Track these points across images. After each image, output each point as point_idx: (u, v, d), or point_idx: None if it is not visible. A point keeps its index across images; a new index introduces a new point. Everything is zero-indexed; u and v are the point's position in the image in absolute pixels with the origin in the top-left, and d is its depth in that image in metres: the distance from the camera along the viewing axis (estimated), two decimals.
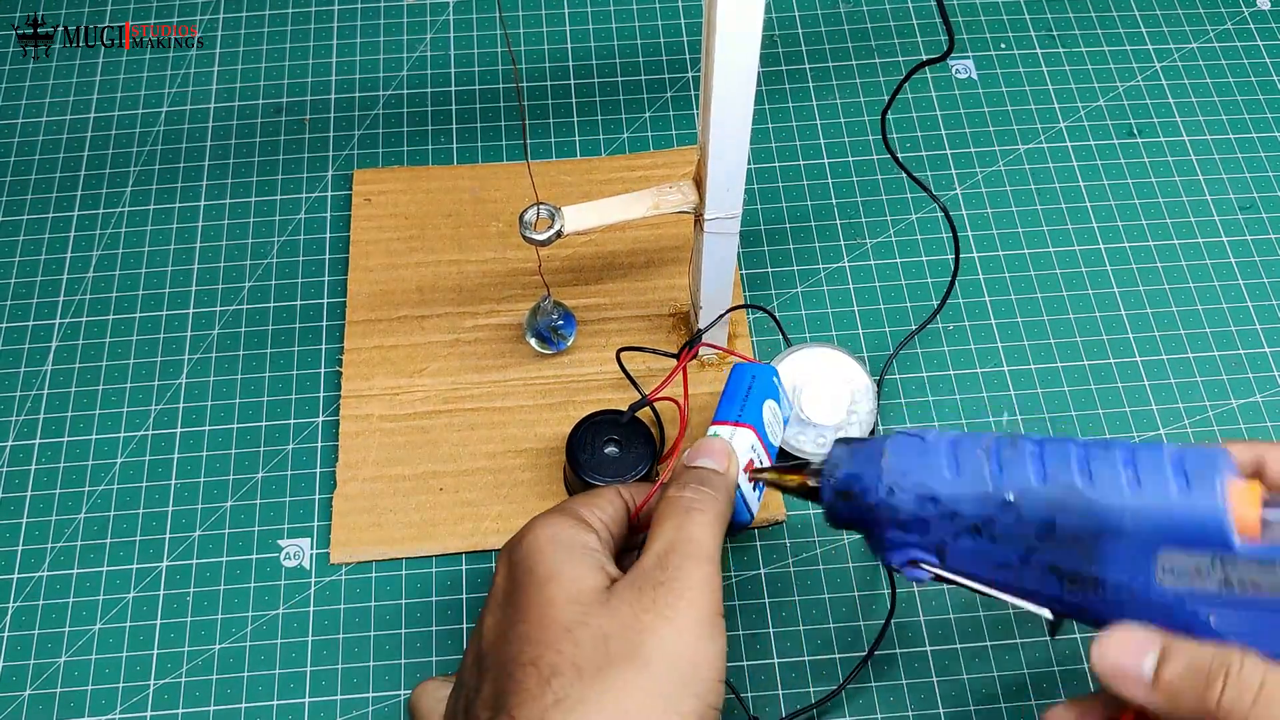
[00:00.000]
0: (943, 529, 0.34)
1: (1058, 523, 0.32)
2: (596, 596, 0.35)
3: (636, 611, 0.34)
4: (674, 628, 0.34)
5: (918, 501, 0.34)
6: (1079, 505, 0.32)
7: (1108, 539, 0.32)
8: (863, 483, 0.36)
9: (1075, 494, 0.32)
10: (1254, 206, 0.60)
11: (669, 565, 0.36)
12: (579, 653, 0.34)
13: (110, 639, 0.49)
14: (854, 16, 0.66)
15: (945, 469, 0.34)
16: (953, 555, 0.34)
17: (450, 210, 0.59)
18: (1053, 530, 0.32)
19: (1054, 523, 0.32)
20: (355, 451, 0.52)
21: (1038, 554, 0.33)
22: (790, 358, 0.52)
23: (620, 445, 0.49)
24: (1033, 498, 0.33)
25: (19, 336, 0.56)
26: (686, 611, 0.34)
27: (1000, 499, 0.33)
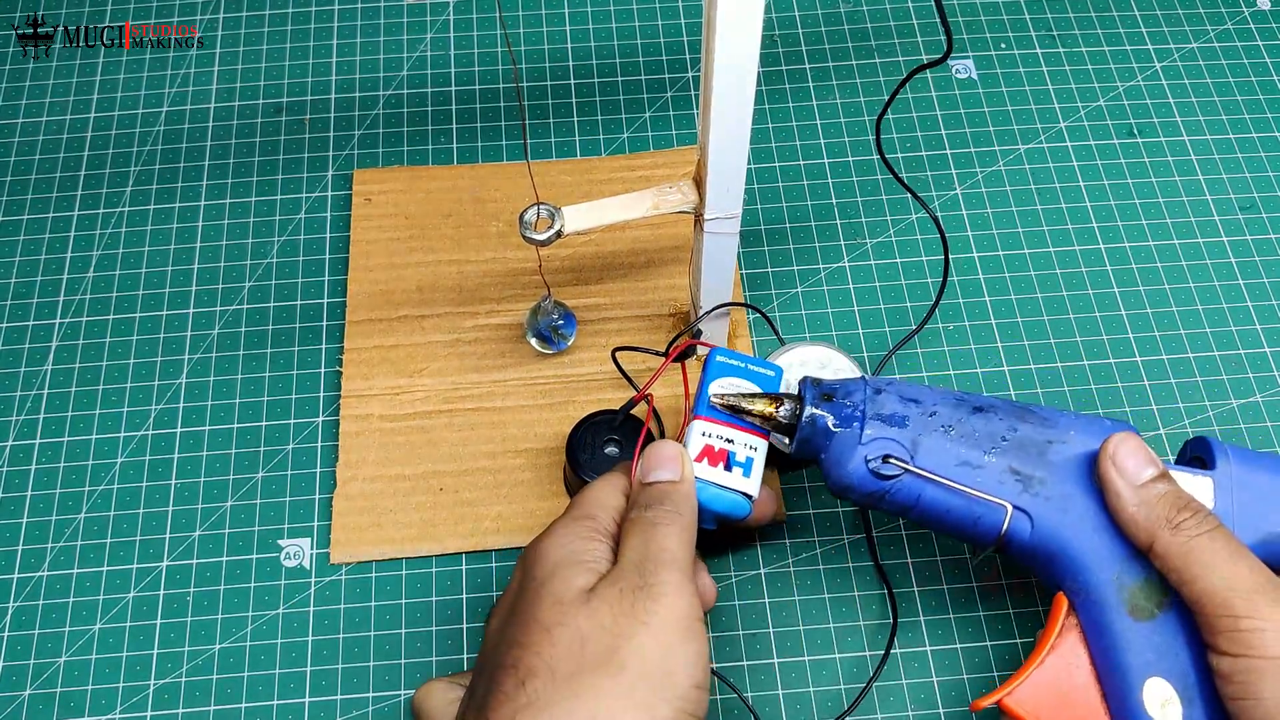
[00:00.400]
0: (919, 425, 0.40)
1: (1019, 430, 0.40)
2: (578, 598, 0.35)
3: (615, 615, 0.34)
4: (650, 633, 0.34)
5: (901, 401, 0.41)
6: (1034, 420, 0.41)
7: (1057, 444, 0.40)
8: (848, 387, 0.42)
9: (1031, 413, 0.41)
10: (1254, 206, 0.60)
11: (645, 571, 0.36)
12: (555, 655, 0.34)
13: (110, 639, 0.49)
14: (854, 17, 0.66)
15: (924, 387, 0.42)
16: (923, 452, 0.40)
17: (450, 210, 0.59)
18: (1015, 434, 0.40)
19: (1016, 429, 0.40)
20: (355, 451, 0.52)
21: (1000, 455, 0.40)
22: (783, 356, 0.52)
23: (620, 445, 0.49)
24: (999, 410, 0.41)
25: (19, 336, 0.56)
26: (664, 616, 0.35)
27: (972, 406, 0.41)
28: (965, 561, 0.50)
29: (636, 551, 0.37)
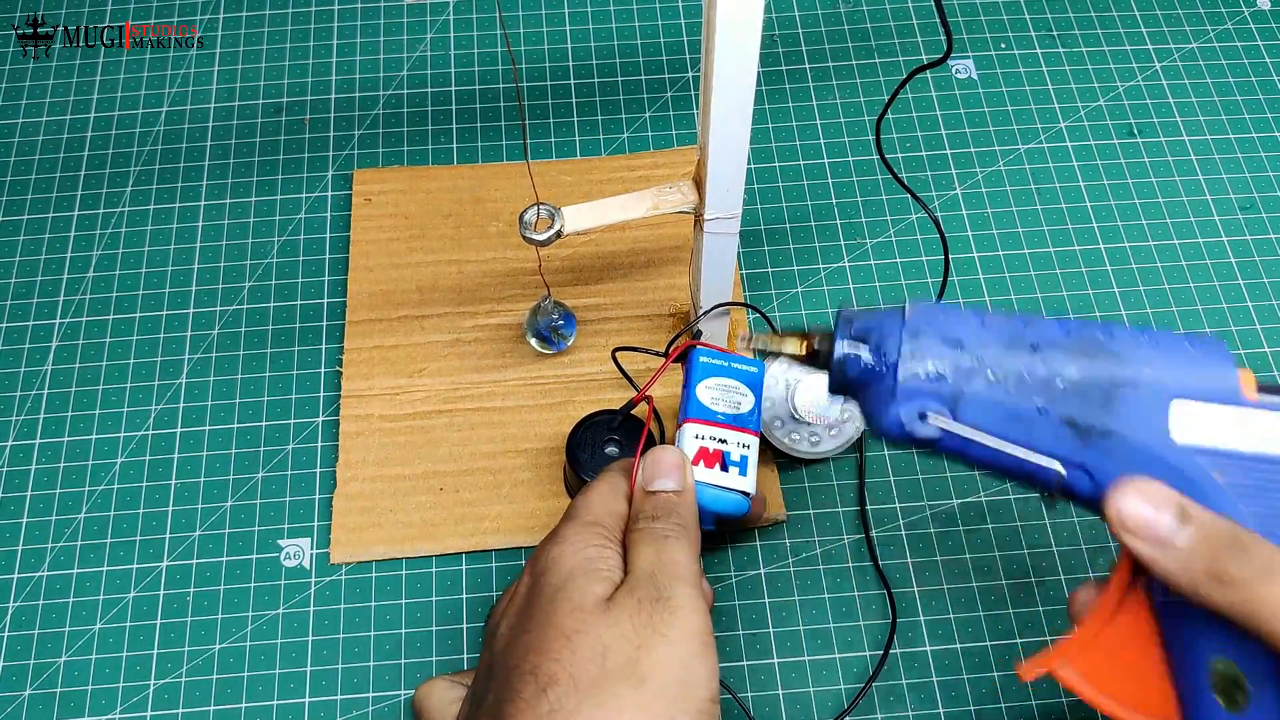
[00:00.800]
0: (963, 375, 0.34)
1: (1081, 370, 0.33)
2: (598, 605, 0.35)
3: (635, 626, 0.35)
4: (670, 645, 0.34)
5: (943, 345, 0.35)
6: (1103, 354, 0.33)
7: (1127, 389, 0.33)
8: (883, 330, 0.36)
9: (1098, 345, 0.33)
10: (1254, 206, 0.60)
11: (659, 584, 0.36)
12: (576, 662, 0.34)
13: (110, 639, 0.49)
14: (854, 17, 0.66)
15: (971, 320, 0.35)
16: (966, 406, 0.34)
17: (450, 210, 0.59)
18: (1074, 380, 0.33)
19: (1078, 370, 0.33)
20: (355, 451, 0.52)
21: (1056, 405, 0.33)
22: (783, 356, 0.52)
23: (620, 445, 0.49)
24: (1058, 347, 0.34)
25: (19, 336, 0.56)
26: (682, 629, 0.35)
27: (1026, 344, 0.34)
28: (965, 561, 0.50)
29: (648, 563, 0.37)
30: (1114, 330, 0.34)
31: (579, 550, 0.37)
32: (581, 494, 0.41)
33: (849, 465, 0.52)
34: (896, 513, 0.51)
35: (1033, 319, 0.35)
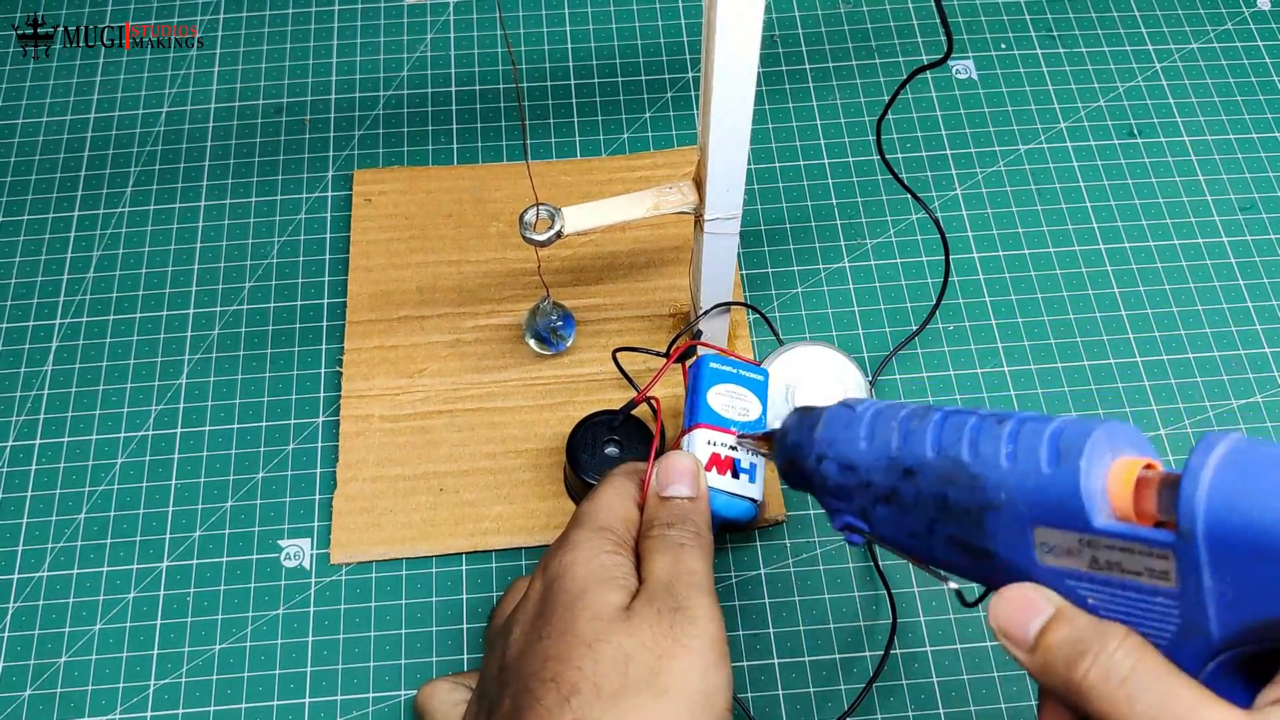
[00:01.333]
0: (862, 496, 0.35)
1: (949, 496, 0.32)
2: (618, 614, 0.35)
3: (656, 635, 0.34)
4: (691, 655, 0.34)
5: (839, 470, 0.36)
6: (964, 479, 0.32)
7: (991, 513, 0.31)
8: (801, 450, 0.38)
9: (961, 468, 0.32)
10: (1254, 206, 0.60)
11: (677, 594, 0.36)
12: (599, 671, 0.34)
13: (110, 639, 0.49)
14: (854, 17, 0.66)
15: (861, 439, 0.35)
16: (876, 522, 0.35)
17: (450, 211, 0.59)
18: (946, 503, 0.33)
19: (946, 496, 0.33)
20: (355, 452, 0.52)
21: (939, 524, 0.33)
22: (782, 356, 0.53)
23: (620, 445, 0.49)
24: (928, 469, 0.33)
25: (19, 336, 0.56)
26: (702, 640, 0.35)
27: (901, 469, 0.34)
28: None
29: (665, 572, 0.37)
30: (979, 444, 0.32)
31: (593, 557, 0.37)
32: (589, 499, 0.40)
33: None
34: None
35: (911, 430, 0.34)
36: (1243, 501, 0.26)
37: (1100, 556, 0.29)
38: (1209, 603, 0.27)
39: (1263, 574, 0.26)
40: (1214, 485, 0.26)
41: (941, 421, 0.34)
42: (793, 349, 0.53)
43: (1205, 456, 0.27)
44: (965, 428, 0.33)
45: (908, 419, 0.35)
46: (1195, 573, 0.27)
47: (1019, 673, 0.48)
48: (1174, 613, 0.28)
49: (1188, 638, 0.28)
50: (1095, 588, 0.30)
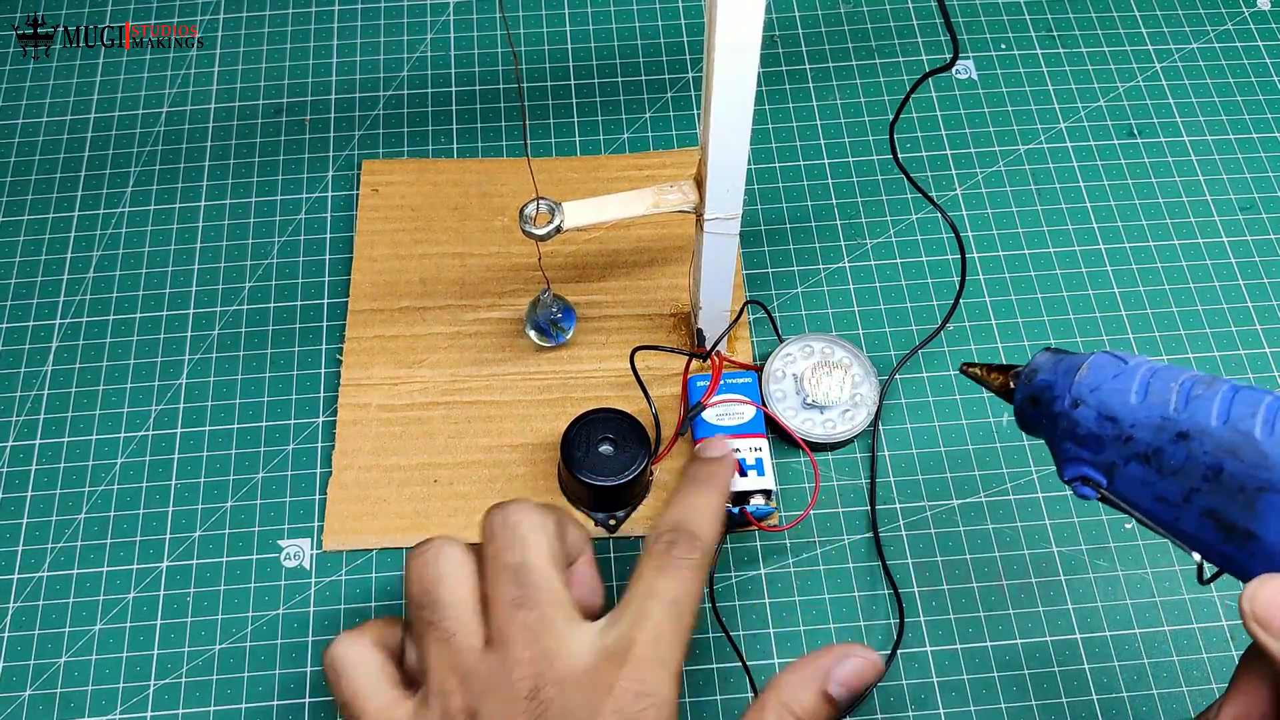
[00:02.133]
0: (1115, 451, 0.34)
1: (1225, 468, 0.32)
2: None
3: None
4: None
5: (1098, 419, 0.35)
6: (1251, 455, 0.31)
7: (1273, 495, 0.31)
8: (1053, 391, 0.36)
9: (1251, 443, 0.31)
10: (1254, 206, 0.60)
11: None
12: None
13: (110, 639, 0.49)
14: (854, 16, 0.66)
15: (1133, 393, 0.34)
16: (1120, 480, 0.34)
17: (456, 203, 0.59)
18: (1219, 474, 0.32)
19: (1222, 467, 0.32)
20: (352, 440, 0.52)
21: (1199, 496, 0.32)
22: (784, 352, 0.53)
23: (615, 444, 0.49)
24: (1208, 437, 0.32)
25: (19, 336, 0.56)
26: None
27: (1175, 431, 0.33)
28: (965, 561, 0.50)
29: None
30: (1277, 424, 0.31)
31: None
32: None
33: (850, 465, 0.52)
34: (897, 513, 0.51)
35: (1196, 395, 0.33)
36: None
37: None
38: None
39: None
40: None
41: (1232, 395, 0.33)
42: (792, 344, 0.53)
43: None
44: (1261, 404, 0.32)
45: (1190, 384, 0.34)
46: None
47: (1019, 673, 0.48)
48: None
49: None
50: None
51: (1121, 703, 0.47)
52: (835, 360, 0.52)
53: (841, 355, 0.53)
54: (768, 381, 0.52)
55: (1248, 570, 0.32)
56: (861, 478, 0.52)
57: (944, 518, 0.51)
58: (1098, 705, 0.47)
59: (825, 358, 0.52)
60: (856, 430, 0.51)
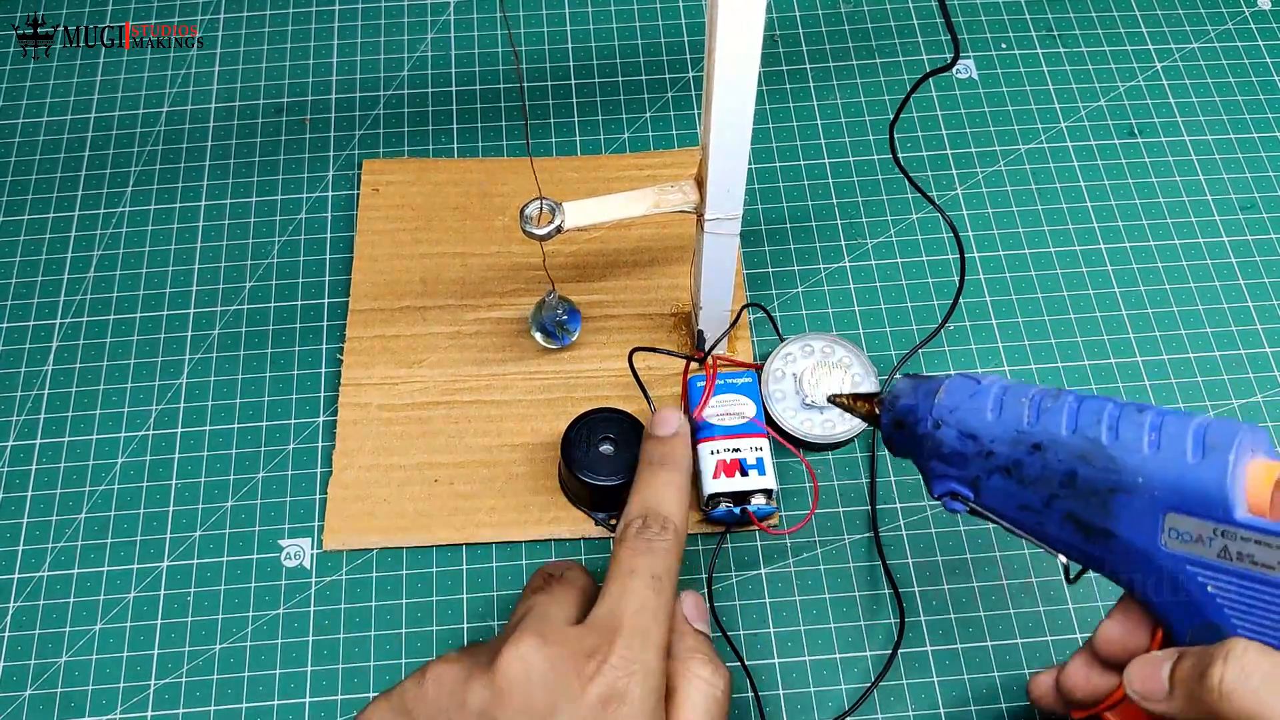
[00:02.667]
0: (978, 465, 0.37)
1: (1079, 473, 0.34)
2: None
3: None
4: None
5: (959, 438, 0.37)
6: (1100, 459, 0.34)
7: (1122, 495, 0.33)
8: (916, 414, 0.39)
9: (1099, 448, 0.34)
10: (1255, 206, 0.60)
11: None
12: None
13: (111, 639, 0.48)
14: (855, 16, 0.66)
15: (989, 411, 0.37)
16: (985, 492, 0.37)
17: (457, 203, 0.59)
18: (1074, 479, 0.34)
19: (1075, 473, 0.34)
20: (352, 440, 0.52)
21: (1059, 501, 0.35)
22: (784, 351, 0.53)
23: (615, 443, 0.49)
24: (1060, 446, 0.35)
25: (20, 336, 0.56)
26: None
27: (1030, 443, 0.35)
28: (965, 561, 0.50)
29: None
30: (1121, 427, 0.34)
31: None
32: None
33: (850, 465, 0.52)
34: (897, 513, 0.51)
35: (1045, 408, 0.36)
36: None
37: (1232, 548, 0.31)
38: None
39: None
40: None
41: (1078, 405, 0.35)
42: (793, 342, 0.53)
43: None
44: (1104, 412, 0.34)
45: (1040, 397, 0.36)
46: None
47: (1020, 673, 0.48)
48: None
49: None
50: (1217, 576, 0.32)
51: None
52: (836, 360, 0.52)
53: (842, 355, 0.53)
54: (768, 381, 0.52)
55: (1110, 567, 0.34)
56: (862, 477, 0.52)
57: (944, 517, 0.51)
58: None
59: (825, 357, 0.52)
60: (856, 430, 0.51)
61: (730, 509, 0.48)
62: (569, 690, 0.35)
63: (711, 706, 0.38)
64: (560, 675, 0.36)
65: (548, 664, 0.36)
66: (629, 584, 0.38)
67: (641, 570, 0.39)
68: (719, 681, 0.39)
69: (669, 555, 0.40)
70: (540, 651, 0.36)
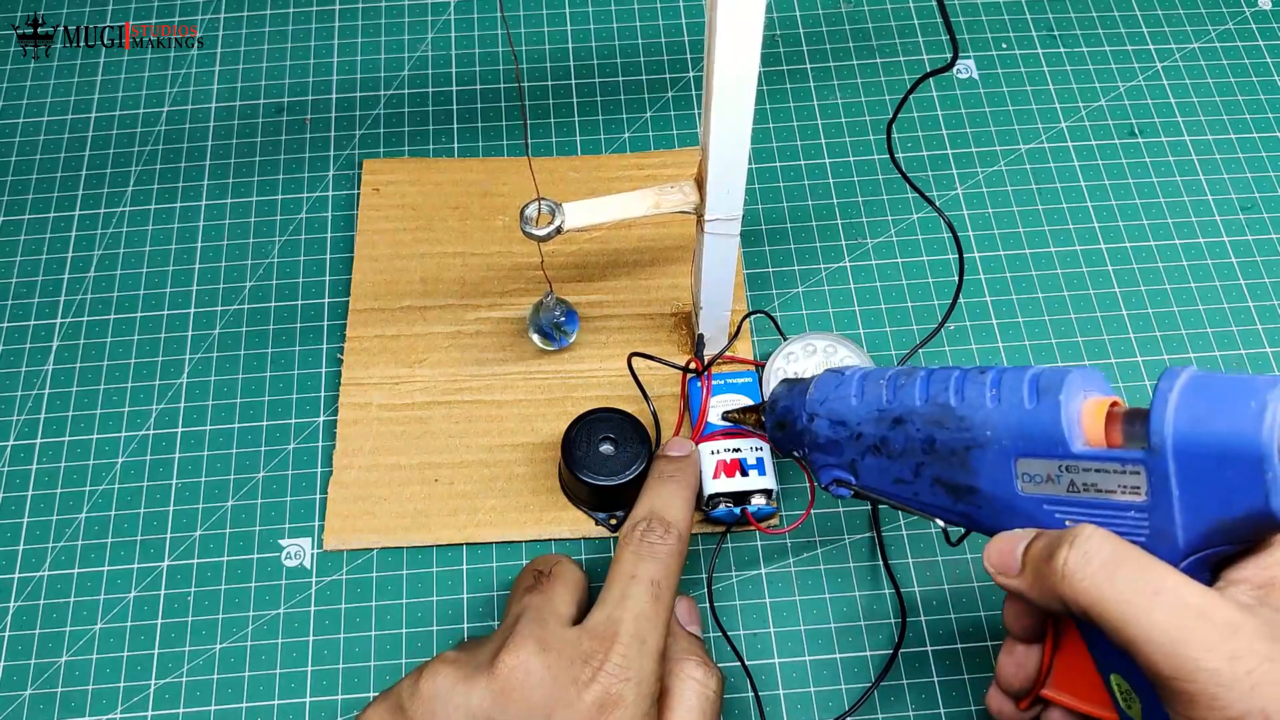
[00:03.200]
0: (852, 449, 0.39)
1: (937, 438, 0.36)
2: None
3: None
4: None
5: (831, 426, 0.40)
6: (952, 421, 0.36)
7: (976, 450, 0.35)
8: (792, 413, 0.42)
9: (949, 412, 0.36)
10: (1255, 206, 0.60)
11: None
12: None
13: (111, 638, 0.49)
14: (855, 16, 0.66)
15: (853, 397, 0.40)
16: (863, 473, 0.40)
17: (458, 203, 0.59)
18: (934, 445, 0.37)
19: (934, 438, 0.37)
20: (352, 440, 0.52)
21: (925, 468, 0.37)
22: (786, 350, 0.53)
23: (615, 443, 0.49)
24: (917, 416, 0.37)
25: (20, 336, 0.56)
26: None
27: (891, 418, 0.38)
28: (966, 561, 0.50)
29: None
30: (965, 389, 0.36)
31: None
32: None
33: None
34: (898, 512, 0.51)
35: (900, 385, 0.38)
36: (1204, 417, 0.30)
37: (1077, 480, 0.33)
38: (1176, 510, 0.31)
39: (1221, 478, 0.30)
40: (1179, 405, 0.31)
41: (927, 376, 0.38)
42: (795, 342, 0.53)
43: (1171, 383, 0.31)
44: (950, 379, 0.37)
45: (895, 377, 0.39)
46: (1165, 484, 0.31)
47: None
48: (1144, 524, 0.32)
49: (1156, 545, 0.32)
50: (1071, 509, 0.34)
51: None
52: (838, 359, 0.52)
53: (843, 354, 0.52)
54: (768, 380, 0.52)
55: (982, 522, 0.36)
56: None
57: None
58: None
59: (827, 356, 0.52)
60: None
61: (730, 509, 0.48)
62: (566, 695, 0.36)
63: (704, 706, 0.39)
64: (558, 680, 0.36)
65: (545, 669, 0.36)
66: (630, 589, 0.39)
67: (643, 576, 0.39)
68: (711, 682, 0.39)
69: (670, 560, 0.41)
70: (538, 657, 0.36)
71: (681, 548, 0.42)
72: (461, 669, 0.37)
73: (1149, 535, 0.32)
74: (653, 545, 0.41)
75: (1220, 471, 0.30)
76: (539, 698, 0.36)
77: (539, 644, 0.37)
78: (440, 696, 0.36)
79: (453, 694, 0.36)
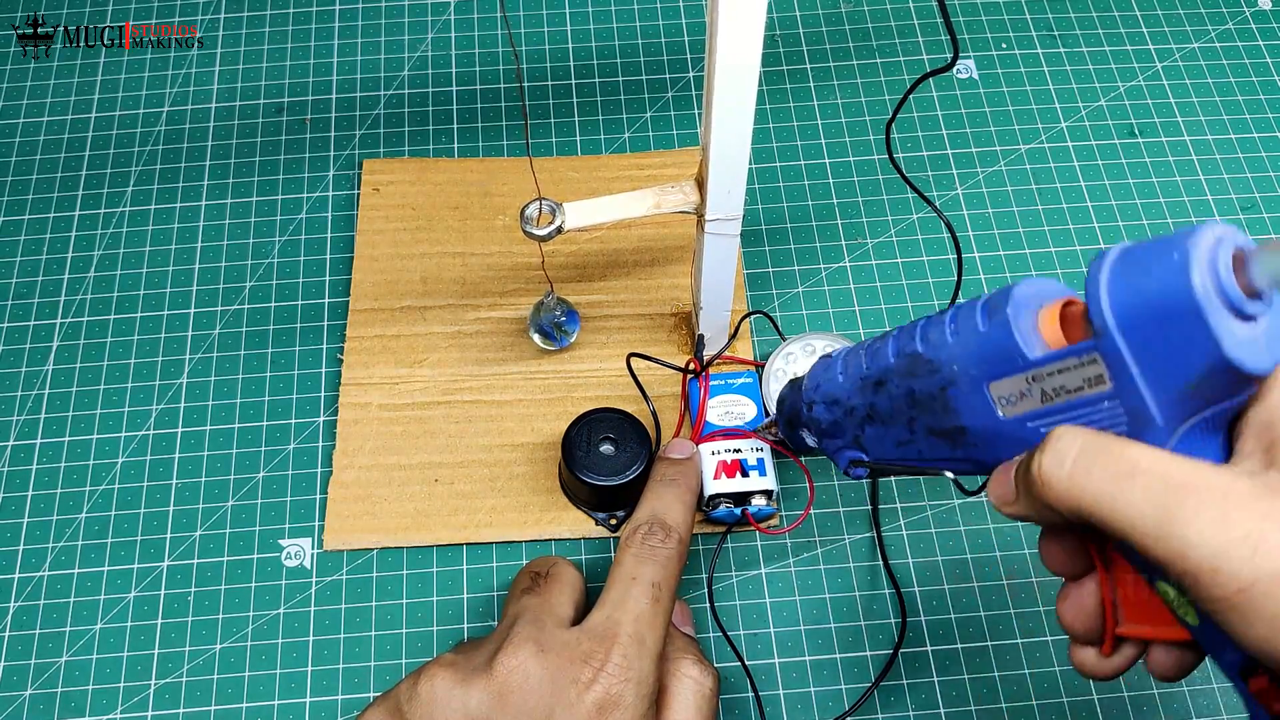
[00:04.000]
0: (850, 425, 0.40)
1: (915, 389, 0.36)
2: None
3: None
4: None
5: (827, 408, 0.41)
6: (922, 367, 0.36)
7: (951, 389, 0.35)
8: (795, 408, 0.43)
9: (919, 359, 0.36)
10: (1255, 206, 0.60)
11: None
12: None
13: (111, 638, 0.49)
14: (855, 16, 0.66)
15: (839, 375, 0.40)
16: (869, 446, 0.40)
17: (458, 203, 0.59)
18: (914, 396, 0.36)
19: (913, 390, 0.36)
20: (352, 440, 0.52)
21: (917, 422, 0.37)
22: (785, 350, 0.53)
23: (615, 443, 0.49)
24: (893, 373, 0.37)
25: (20, 336, 0.56)
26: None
27: (873, 383, 0.38)
28: (966, 561, 0.50)
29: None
30: (928, 332, 0.36)
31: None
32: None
33: None
34: (898, 512, 0.51)
35: (875, 350, 0.38)
36: (1136, 283, 0.29)
37: (1046, 387, 0.32)
38: (1142, 387, 0.30)
39: (1170, 340, 0.29)
40: (1111, 280, 0.30)
41: (897, 334, 0.38)
42: (794, 342, 0.53)
43: (1101, 262, 0.30)
44: (915, 328, 0.37)
45: (870, 344, 0.39)
46: (1122, 364, 0.30)
47: (1020, 673, 0.48)
48: (1120, 411, 0.31)
49: (1139, 431, 0.30)
50: (1052, 419, 0.33)
51: (1122, 702, 0.47)
52: None
53: None
54: (769, 380, 0.52)
55: (984, 460, 0.36)
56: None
57: (945, 517, 0.51)
58: (1099, 705, 0.47)
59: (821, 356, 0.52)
60: None
61: (731, 509, 0.48)
62: (565, 696, 0.36)
63: (701, 704, 0.39)
64: (557, 681, 0.36)
65: (544, 670, 0.36)
66: (630, 590, 0.39)
67: (643, 578, 0.40)
68: (707, 681, 0.40)
69: (671, 564, 0.41)
70: (537, 658, 0.37)
71: (682, 551, 0.42)
72: (460, 671, 0.37)
73: (1128, 422, 0.31)
74: (653, 548, 0.41)
75: (1166, 334, 0.29)
76: (538, 699, 0.36)
77: (537, 645, 0.37)
78: (439, 699, 0.36)
79: (451, 696, 0.36)
